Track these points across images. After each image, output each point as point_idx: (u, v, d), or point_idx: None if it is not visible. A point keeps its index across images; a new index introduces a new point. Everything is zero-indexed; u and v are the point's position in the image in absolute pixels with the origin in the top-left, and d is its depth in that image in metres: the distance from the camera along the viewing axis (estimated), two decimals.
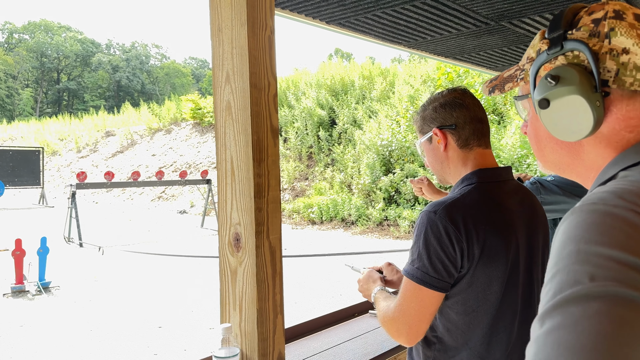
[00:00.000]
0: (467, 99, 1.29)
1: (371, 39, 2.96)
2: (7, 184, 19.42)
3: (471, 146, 1.27)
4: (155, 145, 23.66)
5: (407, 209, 12.19)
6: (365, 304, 2.04)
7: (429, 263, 1.11)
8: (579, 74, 0.68)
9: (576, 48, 0.70)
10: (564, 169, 0.78)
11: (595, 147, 0.71)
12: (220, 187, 1.34)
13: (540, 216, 1.32)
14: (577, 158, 0.74)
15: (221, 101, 1.32)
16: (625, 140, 0.68)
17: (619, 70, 0.67)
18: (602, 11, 0.70)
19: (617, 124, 0.68)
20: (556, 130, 0.72)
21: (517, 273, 1.20)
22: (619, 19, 0.68)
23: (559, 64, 0.72)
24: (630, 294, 0.48)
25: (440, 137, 1.28)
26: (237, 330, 1.31)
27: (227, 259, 1.33)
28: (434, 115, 1.29)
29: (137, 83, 65.60)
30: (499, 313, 1.18)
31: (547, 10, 2.49)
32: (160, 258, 9.57)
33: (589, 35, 0.70)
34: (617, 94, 0.68)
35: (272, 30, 1.33)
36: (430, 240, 1.12)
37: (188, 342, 4.96)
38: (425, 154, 1.36)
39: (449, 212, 1.13)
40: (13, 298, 6.65)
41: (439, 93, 1.32)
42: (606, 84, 0.67)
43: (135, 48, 71.83)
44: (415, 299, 1.13)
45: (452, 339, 1.18)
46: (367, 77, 18.16)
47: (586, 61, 0.69)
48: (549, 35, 0.74)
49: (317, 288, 7.01)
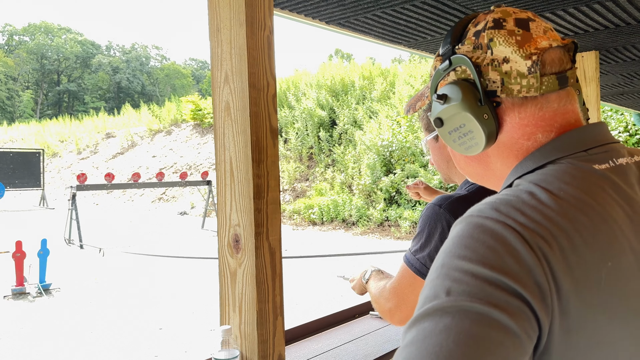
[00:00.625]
0: None
1: (371, 39, 2.96)
2: (8, 185, 19.43)
3: None
4: (156, 146, 23.66)
5: (408, 210, 12.18)
6: (366, 306, 2.03)
7: (427, 256, 1.13)
8: (462, 90, 0.68)
9: (461, 62, 0.69)
10: (481, 180, 0.78)
11: (499, 157, 0.71)
12: (220, 188, 1.33)
13: None
14: (488, 169, 0.74)
15: (220, 102, 1.31)
16: (525, 148, 0.68)
17: (503, 79, 0.66)
18: (484, 22, 0.69)
19: (514, 132, 0.68)
20: (455, 146, 0.73)
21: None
22: (497, 28, 0.67)
23: (450, 80, 0.71)
24: (482, 310, 0.47)
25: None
26: (236, 332, 1.30)
27: (227, 260, 1.32)
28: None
29: (137, 84, 65.64)
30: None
31: (548, 10, 2.48)
32: (161, 259, 9.56)
33: (473, 48, 0.69)
34: (508, 103, 0.67)
35: (271, 31, 1.32)
36: (433, 233, 1.14)
37: (189, 343, 4.95)
38: (430, 152, 1.35)
39: (453, 207, 1.14)
40: (13, 300, 6.65)
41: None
42: (495, 95, 0.67)
43: (135, 49, 71.88)
44: (410, 286, 1.16)
45: None
46: (367, 77, 18.16)
47: (471, 75, 0.68)
48: (442, 51, 0.74)
49: (317, 289, 7.00)
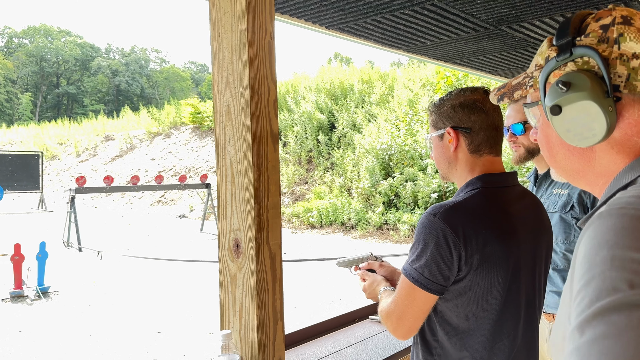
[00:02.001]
0: (488, 103, 1.25)
1: (371, 44, 2.97)
2: (6, 188, 19.40)
3: (482, 152, 1.25)
4: (155, 149, 23.65)
5: (407, 213, 12.18)
6: (366, 310, 2.03)
7: (425, 265, 1.12)
8: (590, 79, 0.68)
9: (586, 54, 0.70)
10: (574, 175, 0.77)
11: (607, 153, 0.70)
12: (220, 192, 1.34)
13: (545, 221, 1.32)
14: (589, 164, 0.73)
15: (221, 107, 1.31)
16: (639, 146, 0.68)
17: (629, 75, 0.66)
18: (610, 17, 0.70)
19: (629, 129, 0.68)
20: (569, 136, 0.72)
21: (518, 279, 1.19)
22: (627, 24, 0.68)
23: (568, 70, 0.71)
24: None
25: (453, 138, 1.26)
26: (236, 336, 1.30)
27: (227, 264, 1.32)
28: (451, 113, 1.26)
29: (136, 87, 65.65)
30: (500, 319, 1.17)
31: (547, 15, 2.49)
32: (160, 262, 9.55)
33: (597, 42, 0.69)
34: (628, 99, 0.68)
35: (272, 36, 1.33)
36: (428, 242, 1.12)
37: (187, 347, 4.94)
38: (433, 149, 1.34)
39: (448, 216, 1.13)
40: (12, 303, 6.63)
41: (461, 90, 1.27)
42: (617, 89, 0.67)
43: (134, 52, 71.92)
44: (409, 297, 1.15)
45: (451, 344, 1.17)
46: (366, 81, 18.19)
47: (596, 67, 0.68)
48: (557, 42, 0.74)
49: (316, 292, 6.99)
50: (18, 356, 4.75)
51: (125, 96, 64.66)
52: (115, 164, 24.27)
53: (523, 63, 3.64)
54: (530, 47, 3.17)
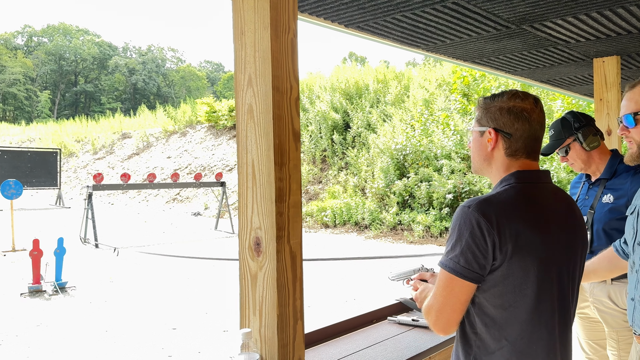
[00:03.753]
0: (535, 114, 1.27)
1: (389, 42, 2.95)
2: (25, 184, 19.68)
3: (518, 157, 1.29)
4: (171, 147, 23.84)
5: (422, 214, 12.11)
6: (384, 311, 2.02)
7: (460, 254, 1.16)
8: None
9: None
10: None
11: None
12: (241, 190, 1.33)
13: (578, 217, 1.34)
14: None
15: (243, 104, 1.31)
16: None
17: None
18: None
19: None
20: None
21: (551, 270, 1.22)
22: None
23: None
24: None
25: (492, 138, 1.29)
26: (256, 335, 1.30)
27: (247, 263, 1.32)
28: (497, 115, 1.28)
29: (153, 86, 66.23)
30: (537, 309, 1.19)
31: (571, 14, 2.45)
32: (175, 260, 9.62)
33: None
34: None
35: (295, 33, 1.32)
36: (463, 232, 1.16)
37: (202, 344, 4.96)
38: (472, 141, 1.37)
39: (481, 206, 1.17)
40: (30, 297, 6.73)
41: (513, 94, 1.28)
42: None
43: (151, 51, 72.55)
44: (447, 287, 1.19)
45: (490, 335, 1.20)
46: (381, 80, 18.12)
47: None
48: None
49: (330, 292, 6.98)
50: (36, 350, 4.82)
51: (142, 95, 65.28)
52: (132, 161, 24.52)
53: (544, 63, 3.58)
54: (552, 47, 3.12)
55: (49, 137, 30.96)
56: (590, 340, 2.44)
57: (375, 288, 7.10)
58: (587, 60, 3.47)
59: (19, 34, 69.09)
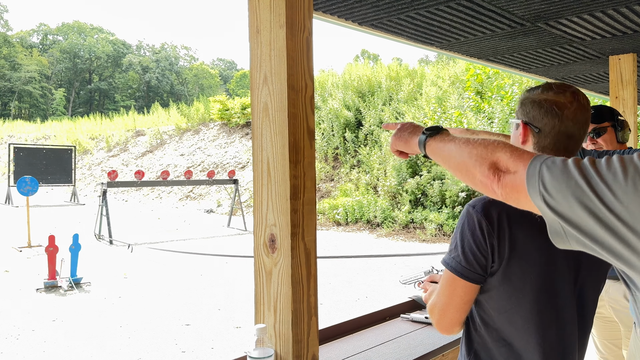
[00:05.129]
0: (568, 110, 1.17)
1: (403, 40, 2.94)
2: (41, 181, 19.92)
3: (546, 154, 1.23)
4: (184, 145, 23.99)
5: (434, 212, 12.07)
6: (397, 308, 2.02)
7: (462, 254, 1.15)
8: None
9: None
10: None
11: None
12: (256, 188, 1.35)
13: None
14: None
15: (258, 102, 1.32)
16: None
17: None
18: None
19: None
20: None
21: (553, 281, 1.18)
22: None
23: None
24: None
25: (521, 132, 1.23)
26: (271, 331, 1.31)
27: (262, 259, 1.33)
28: (528, 109, 1.22)
29: (166, 84, 66.71)
30: (534, 319, 1.17)
31: (587, 12, 2.43)
32: (188, 256, 9.69)
33: None
34: None
35: (310, 32, 1.33)
36: (465, 232, 1.16)
37: (215, 340, 5.01)
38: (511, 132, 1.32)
39: (486, 207, 1.15)
40: (46, 293, 6.83)
41: (548, 88, 1.21)
42: None
43: (164, 49, 73.03)
44: (449, 287, 1.18)
45: (489, 334, 1.21)
46: (394, 78, 18.05)
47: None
48: None
49: (342, 290, 6.99)
50: (51, 345, 4.90)
51: (155, 92, 65.78)
52: (145, 159, 24.72)
53: (558, 60, 3.55)
54: (567, 44, 3.09)
55: (64, 134, 31.30)
56: (606, 340, 2.43)
57: (387, 286, 7.10)
58: (603, 57, 3.43)
59: (35, 32, 69.97)
